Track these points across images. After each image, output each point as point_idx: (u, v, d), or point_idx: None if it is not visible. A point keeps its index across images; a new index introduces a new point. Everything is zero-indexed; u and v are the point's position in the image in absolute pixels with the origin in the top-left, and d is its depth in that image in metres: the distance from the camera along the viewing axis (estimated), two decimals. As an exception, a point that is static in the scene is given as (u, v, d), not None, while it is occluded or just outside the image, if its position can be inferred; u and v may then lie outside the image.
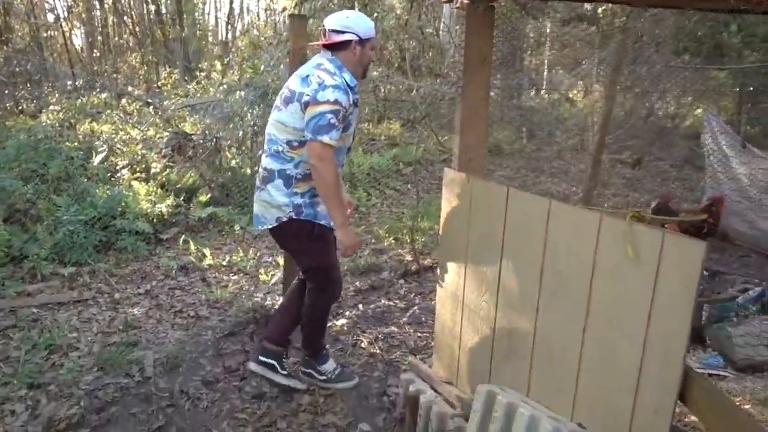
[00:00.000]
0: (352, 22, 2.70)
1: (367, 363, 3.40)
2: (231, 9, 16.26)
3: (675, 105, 10.00)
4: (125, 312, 3.97)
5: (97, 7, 14.27)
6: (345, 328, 3.82)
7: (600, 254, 1.89)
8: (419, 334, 3.76)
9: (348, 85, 2.66)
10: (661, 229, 1.75)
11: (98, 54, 13.44)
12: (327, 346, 3.27)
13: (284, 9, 9.53)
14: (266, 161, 2.79)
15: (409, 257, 5.13)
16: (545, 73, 14.20)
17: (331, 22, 2.72)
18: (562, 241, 2.03)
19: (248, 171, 6.48)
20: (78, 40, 15.41)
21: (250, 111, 6.45)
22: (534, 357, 2.20)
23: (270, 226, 2.81)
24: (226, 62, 10.81)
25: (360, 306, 4.22)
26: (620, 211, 3.93)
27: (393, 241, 5.54)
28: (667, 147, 9.71)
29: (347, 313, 4.07)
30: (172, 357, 3.35)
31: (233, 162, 6.60)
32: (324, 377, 3.15)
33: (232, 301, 4.19)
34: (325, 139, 2.55)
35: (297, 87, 2.67)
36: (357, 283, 4.61)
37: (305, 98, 2.59)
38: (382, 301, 4.28)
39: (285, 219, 2.75)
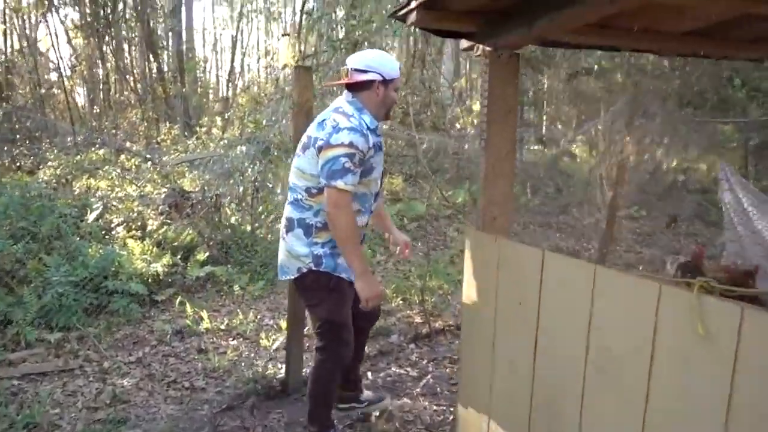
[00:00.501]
0: (377, 62, 2.61)
1: (380, 442, 3.08)
2: (232, 67, 16.39)
3: (683, 159, 9.87)
4: (113, 384, 3.65)
5: (100, 65, 14.36)
6: (353, 401, 3.50)
7: (660, 332, 1.62)
8: (435, 407, 3.44)
9: (368, 127, 2.57)
10: (736, 302, 1.50)
11: (99, 110, 13.41)
12: (335, 422, 2.97)
13: (285, 66, 9.52)
14: (287, 210, 2.72)
15: (419, 319, 4.84)
16: (544, 128, 14.18)
17: (355, 61, 2.63)
18: (612, 314, 1.77)
19: (248, 228, 6.25)
20: (80, 97, 15.47)
21: (251, 166, 6.27)
22: (580, 447, 1.91)
23: (291, 277, 2.71)
24: (226, 118, 10.75)
25: (369, 374, 3.91)
26: (673, 279, 3.68)
27: (401, 302, 5.25)
28: (675, 201, 9.54)
29: (355, 382, 3.75)
30: (164, 436, 3.03)
31: (233, 219, 6.37)
32: (333, 461, 2.83)
33: (230, 369, 3.88)
34: (340, 184, 2.43)
35: (313, 132, 2.61)
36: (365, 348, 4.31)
37: (319, 143, 2.52)
38: (393, 369, 3.98)
39: (305, 269, 2.64)
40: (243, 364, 3.96)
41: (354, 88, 2.63)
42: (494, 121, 2.36)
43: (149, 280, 5.14)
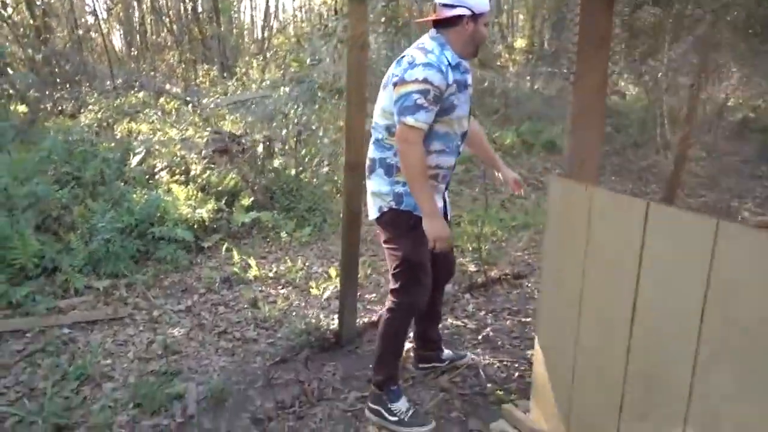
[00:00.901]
0: None
1: (442, 400, 2.92)
2: (267, 7, 15.92)
3: (752, 94, 9.23)
4: (164, 333, 3.57)
5: (135, 6, 14.09)
6: (410, 354, 3.35)
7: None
8: (498, 363, 3.26)
9: (448, 63, 2.44)
10: None
11: (136, 53, 13.24)
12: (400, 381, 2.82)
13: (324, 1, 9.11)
14: (370, 150, 2.69)
15: (473, 267, 4.63)
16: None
17: None
18: (739, 277, 1.52)
19: (293, 172, 6.06)
20: (117, 40, 15.29)
21: (294, 108, 6.03)
22: (689, 422, 1.69)
23: (374, 217, 2.68)
24: (265, 59, 10.45)
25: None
26: None
27: (454, 250, 5.03)
28: (738, 140, 8.99)
29: (410, 335, 3.59)
30: (217, 391, 2.92)
31: (276, 162, 6.18)
32: (395, 419, 2.69)
33: (281, 319, 3.76)
34: (409, 120, 2.37)
35: (392, 69, 2.55)
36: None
37: (394, 79, 2.46)
38: (449, 321, 3.79)
39: (386, 209, 2.61)
40: (294, 314, 3.83)
41: (442, 24, 2.51)
42: (584, 53, 2.06)
43: (195, 226, 5.03)
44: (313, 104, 5.84)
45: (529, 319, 3.84)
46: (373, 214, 2.68)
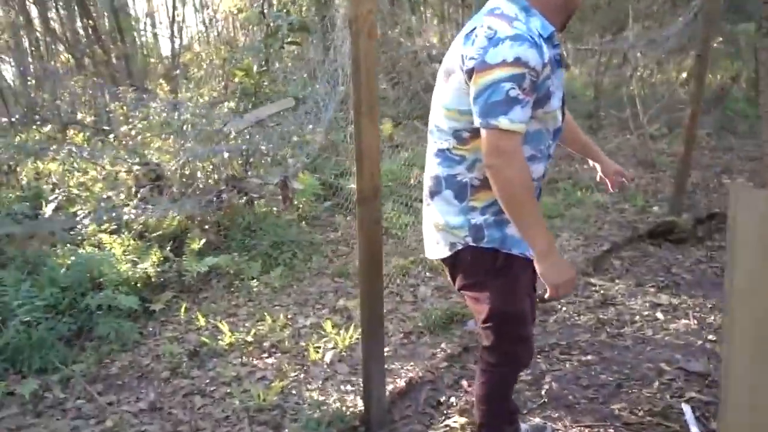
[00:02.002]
0: None
1: None
2: (173, 18, 14.62)
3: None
4: (128, 454, 2.59)
5: (23, 34, 12.57)
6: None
7: None
8: (580, 429, 2.50)
9: (539, 34, 1.74)
10: None
11: (33, 82, 11.75)
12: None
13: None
14: (430, 165, 2.01)
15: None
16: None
17: None
18: None
19: (241, 201, 5.10)
20: (7, 70, 13.64)
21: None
22: None
23: (443, 257, 2.02)
24: (186, 76, 9.34)
25: (464, 382, 2.95)
26: None
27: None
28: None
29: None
30: None
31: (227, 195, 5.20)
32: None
33: (282, 405, 2.85)
34: (503, 122, 1.68)
35: (459, 48, 1.81)
36: (442, 345, 3.34)
37: (469, 63, 1.74)
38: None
39: (460, 246, 1.95)
40: (296, 394, 2.93)
41: None
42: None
43: (139, 286, 4.01)
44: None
45: (589, 357, 3.11)
46: (438, 252, 2.03)
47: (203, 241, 4.60)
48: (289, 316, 3.80)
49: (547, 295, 1.86)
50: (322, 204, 5.75)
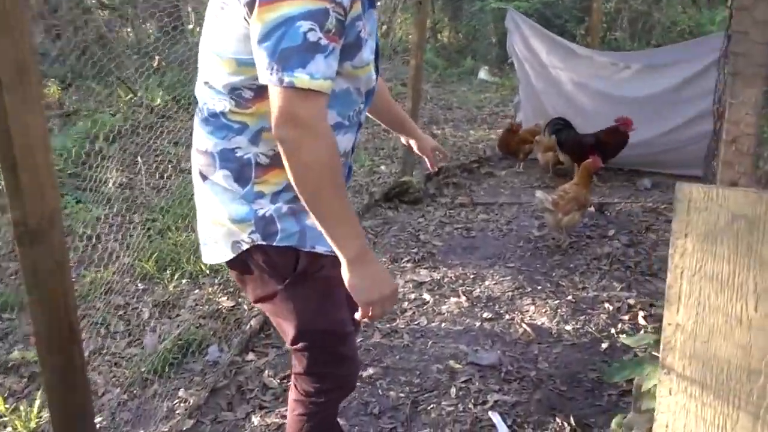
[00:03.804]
0: None
1: None
2: None
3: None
4: None
5: None
6: None
7: None
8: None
9: None
10: None
11: None
12: None
13: None
14: (199, 135, 1.43)
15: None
16: None
17: None
18: None
19: None
20: None
21: None
22: None
23: (225, 260, 1.46)
24: None
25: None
26: None
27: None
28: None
29: None
30: None
31: None
32: None
33: None
34: (301, 79, 1.16)
35: None
36: (180, 392, 2.45)
37: None
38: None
39: (245, 245, 1.41)
40: None
41: None
42: None
43: None
44: None
45: (370, 371, 2.55)
46: (218, 254, 1.47)
47: None
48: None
49: (357, 316, 1.36)
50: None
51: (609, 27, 9.49)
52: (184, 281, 3.34)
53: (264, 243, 1.40)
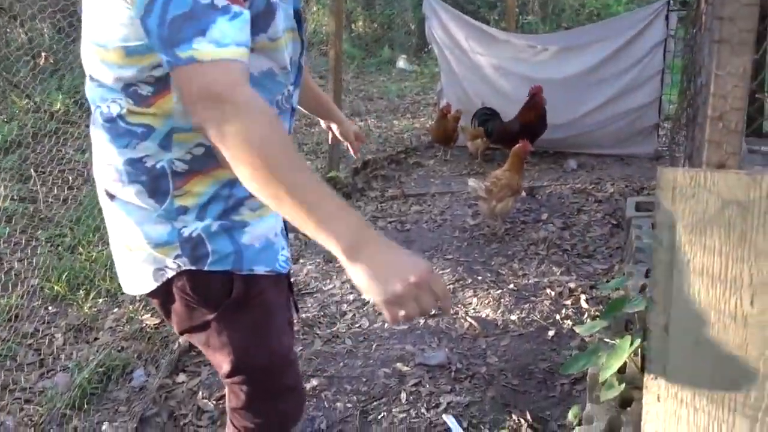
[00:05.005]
0: None
1: None
2: None
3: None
4: None
5: None
6: None
7: None
8: None
9: None
10: None
11: None
12: None
13: None
14: (98, 145, 1.19)
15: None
16: None
17: None
18: None
19: None
20: None
21: None
22: None
23: (149, 290, 1.23)
24: None
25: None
26: None
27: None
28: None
29: None
30: None
31: None
32: None
33: None
34: (204, 49, 0.93)
35: None
36: (104, 427, 2.20)
37: None
38: None
39: (172, 273, 1.19)
40: None
41: None
42: None
43: None
44: None
45: (314, 382, 2.38)
46: (140, 285, 1.25)
47: None
48: None
49: (387, 323, 1.17)
50: None
51: (521, 11, 9.63)
52: (100, 300, 3.06)
53: (193, 268, 1.19)
